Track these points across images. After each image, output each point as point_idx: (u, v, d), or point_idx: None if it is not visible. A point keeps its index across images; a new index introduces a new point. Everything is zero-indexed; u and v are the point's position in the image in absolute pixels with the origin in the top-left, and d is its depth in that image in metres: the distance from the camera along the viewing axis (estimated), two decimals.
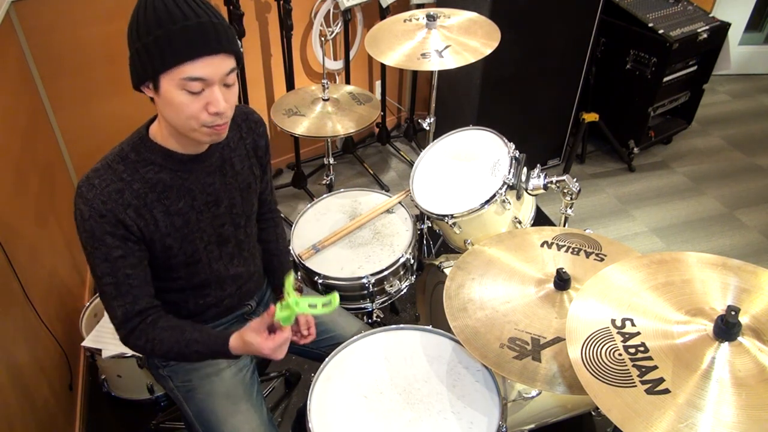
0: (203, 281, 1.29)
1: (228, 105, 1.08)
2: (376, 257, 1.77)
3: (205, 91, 1.05)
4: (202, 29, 1.01)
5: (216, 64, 1.03)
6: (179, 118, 1.08)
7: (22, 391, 1.60)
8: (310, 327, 1.46)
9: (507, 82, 2.74)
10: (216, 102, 1.06)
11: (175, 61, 1.01)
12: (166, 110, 1.09)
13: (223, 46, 1.03)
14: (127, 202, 1.12)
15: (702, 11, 3.07)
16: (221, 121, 1.09)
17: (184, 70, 1.01)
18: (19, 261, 1.71)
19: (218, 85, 1.06)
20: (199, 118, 1.07)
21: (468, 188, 1.74)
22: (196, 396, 1.32)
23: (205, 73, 1.03)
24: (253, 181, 1.33)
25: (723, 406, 0.87)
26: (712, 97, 3.92)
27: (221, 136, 1.14)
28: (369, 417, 1.23)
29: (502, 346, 1.20)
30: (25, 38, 2.19)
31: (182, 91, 1.04)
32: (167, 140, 1.16)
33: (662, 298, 1.05)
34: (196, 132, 1.10)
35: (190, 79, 1.02)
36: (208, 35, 1.01)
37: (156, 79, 1.04)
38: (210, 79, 1.04)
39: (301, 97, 2.34)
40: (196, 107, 1.05)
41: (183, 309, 1.31)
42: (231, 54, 1.06)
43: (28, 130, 2.10)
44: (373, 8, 2.89)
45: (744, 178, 3.21)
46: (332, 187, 2.44)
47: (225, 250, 1.30)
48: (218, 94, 1.06)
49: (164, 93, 1.05)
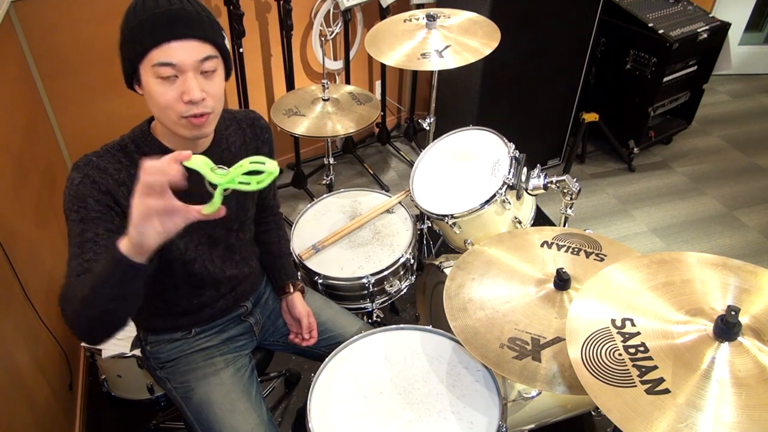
0: (197, 281, 1.29)
1: (206, 94, 1.06)
2: (376, 257, 1.77)
3: (178, 79, 1.04)
4: (170, 15, 1.01)
5: (187, 48, 1.02)
6: (159, 110, 1.07)
7: (22, 391, 1.60)
8: (312, 330, 1.48)
9: (507, 82, 2.74)
10: (189, 90, 1.03)
11: (143, 47, 1.01)
12: (150, 104, 1.08)
13: (194, 32, 1.03)
14: (122, 181, 1.11)
15: (702, 11, 3.07)
16: (198, 110, 1.06)
17: (153, 55, 1.01)
18: (19, 261, 1.71)
19: (192, 72, 1.04)
20: (175, 108, 1.05)
21: (468, 188, 1.73)
22: (194, 397, 1.32)
23: (174, 57, 1.02)
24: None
25: (723, 406, 0.87)
26: (712, 97, 3.92)
27: (203, 130, 1.10)
28: (369, 417, 1.23)
29: (502, 346, 1.20)
30: (25, 38, 2.19)
31: (156, 80, 1.03)
32: (165, 138, 1.16)
33: (662, 298, 1.05)
34: (177, 125, 1.08)
35: (160, 64, 1.02)
36: (177, 20, 1.02)
37: (136, 71, 1.05)
38: (180, 64, 1.02)
39: (301, 97, 2.34)
40: (170, 96, 1.04)
41: (177, 307, 1.31)
42: (206, 41, 1.04)
43: (28, 129, 2.10)
44: (373, 8, 2.89)
45: (744, 178, 3.21)
46: (332, 187, 2.44)
47: (215, 252, 1.30)
48: (192, 83, 1.04)
49: (144, 85, 1.05)
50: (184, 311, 1.32)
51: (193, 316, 1.34)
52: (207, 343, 1.38)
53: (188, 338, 1.36)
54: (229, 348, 1.40)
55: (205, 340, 1.38)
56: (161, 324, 1.35)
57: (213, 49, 1.06)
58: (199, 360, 1.35)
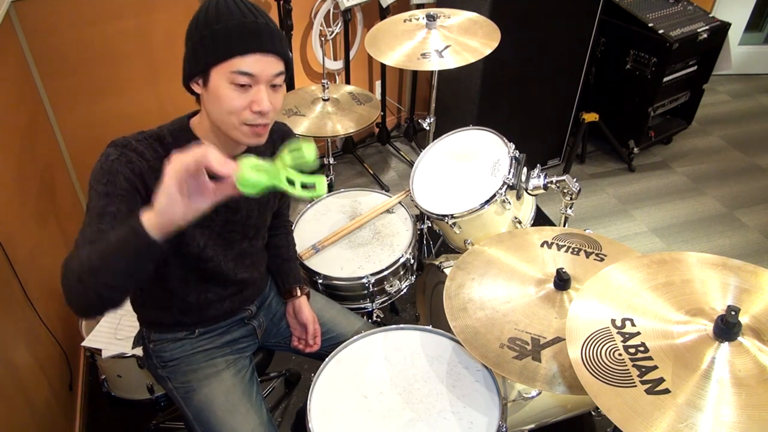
0: (209, 277, 1.30)
1: (272, 107, 1.10)
2: (376, 257, 1.77)
3: (252, 89, 1.07)
4: (257, 27, 1.06)
5: (266, 62, 1.07)
6: (222, 113, 1.09)
7: (22, 391, 1.60)
8: (316, 337, 1.49)
9: (507, 82, 2.74)
10: (260, 101, 1.07)
11: (227, 53, 1.04)
12: (211, 105, 1.10)
13: (275, 48, 1.08)
14: (155, 168, 1.10)
15: (702, 11, 3.07)
16: (263, 121, 1.10)
17: (234, 63, 1.05)
18: (19, 261, 1.71)
19: (265, 84, 1.08)
20: (240, 115, 1.08)
21: (468, 188, 1.74)
22: (195, 397, 1.32)
23: (255, 69, 1.06)
24: (272, 198, 1.36)
25: (723, 406, 0.87)
26: (712, 97, 3.92)
27: (261, 139, 1.14)
28: (369, 417, 1.23)
29: (502, 346, 1.20)
30: (25, 38, 2.19)
31: (230, 85, 1.06)
32: (206, 136, 1.17)
33: (662, 298, 1.05)
34: (236, 131, 1.11)
35: (240, 72, 1.05)
36: (262, 34, 1.06)
37: (207, 71, 1.07)
38: (258, 75, 1.06)
39: (301, 97, 2.34)
40: (240, 103, 1.07)
41: (183, 302, 1.31)
42: (281, 58, 1.09)
43: (28, 130, 2.10)
44: (373, 8, 2.89)
45: (744, 178, 3.21)
46: (332, 187, 2.44)
47: (229, 255, 1.30)
48: (264, 94, 1.08)
49: (212, 86, 1.07)
50: (189, 307, 1.33)
51: (197, 313, 1.34)
52: (210, 344, 1.38)
53: (191, 338, 1.36)
54: (231, 350, 1.40)
55: (208, 341, 1.38)
56: (165, 319, 1.35)
57: (284, 66, 1.11)
58: (201, 360, 1.36)
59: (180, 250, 1.21)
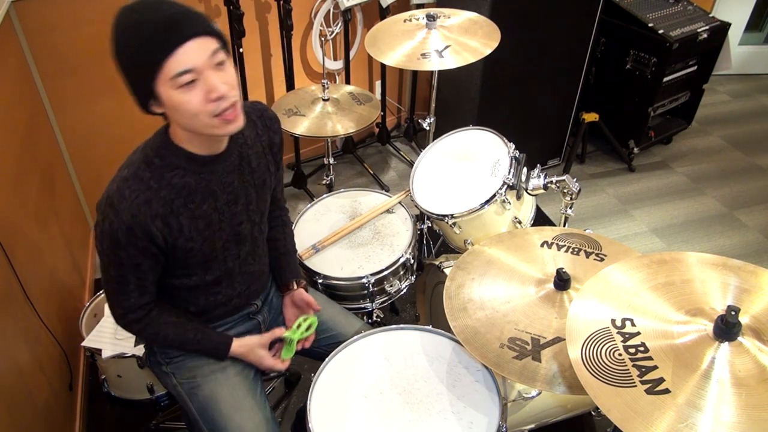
0: (216, 278, 1.30)
1: (228, 86, 1.06)
2: (376, 257, 1.77)
3: (199, 80, 1.03)
4: (170, 21, 0.99)
5: (196, 49, 1.01)
6: (189, 119, 1.07)
7: (22, 391, 1.60)
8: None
9: (507, 81, 2.74)
10: (213, 87, 1.03)
11: (156, 62, 1.00)
12: (176, 116, 1.08)
13: (194, 30, 1.01)
14: (155, 212, 1.11)
15: (702, 11, 3.07)
16: (227, 103, 1.06)
17: (168, 68, 1.00)
18: (19, 261, 1.71)
19: (209, 69, 1.03)
20: (206, 111, 1.05)
21: (468, 188, 1.74)
22: (200, 393, 1.32)
23: (189, 61, 1.01)
24: (268, 177, 1.33)
25: (723, 406, 0.87)
26: (712, 97, 3.92)
27: (237, 123, 1.10)
28: (369, 417, 1.23)
29: (502, 346, 1.20)
30: (25, 38, 2.19)
31: (179, 90, 1.02)
32: (188, 143, 1.15)
33: (662, 298, 1.05)
34: (210, 127, 1.08)
35: (178, 74, 1.00)
36: (177, 24, 1.00)
37: (153, 91, 1.03)
38: (196, 66, 1.01)
39: (301, 97, 2.34)
40: (197, 100, 1.04)
41: (192, 305, 1.32)
42: (207, 35, 1.03)
43: (28, 130, 2.10)
44: (373, 8, 2.89)
45: (744, 178, 3.21)
46: (332, 187, 2.44)
47: (243, 249, 1.31)
48: (213, 79, 1.03)
49: (166, 100, 1.04)
50: (198, 310, 1.33)
51: (206, 314, 1.35)
52: None
53: None
54: None
55: None
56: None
57: (215, 40, 1.05)
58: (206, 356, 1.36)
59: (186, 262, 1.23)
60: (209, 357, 1.34)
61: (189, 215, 1.17)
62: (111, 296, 1.22)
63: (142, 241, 1.12)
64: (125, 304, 1.20)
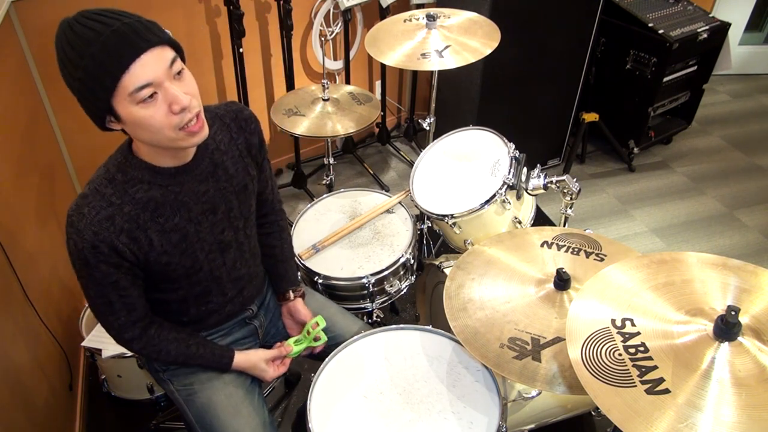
0: (205, 289, 1.28)
1: (189, 95, 1.02)
2: (376, 257, 1.77)
3: (159, 93, 0.99)
4: (120, 35, 0.94)
5: (152, 61, 0.96)
6: (154, 134, 1.02)
7: (22, 391, 1.60)
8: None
9: (507, 82, 2.74)
10: (175, 99, 0.99)
11: (112, 80, 0.95)
12: (138, 132, 1.04)
13: (149, 40, 0.96)
14: (119, 228, 1.08)
15: (702, 11, 3.07)
16: (191, 114, 1.03)
17: (125, 84, 0.95)
18: (19, 261, 1.71)
19: (168, 81, 0.99)
20: (169, 124, 1.01)
21: (468, 188, 1.74)
22: (197, 399, 1.32)
23: (146, 75, 0.96)
24: (249, 182, 1.28)
25: (723, 406, 0.87)
26: (712, 97, 3.92)
27: (203, 134, 1.07)
28: (369, 417, 1.23)
29: (502, 346, 1.20)
30: (25, 38, 2.18)
31: (138, 106, 0.98)
32: (151, 156, 1.11)
33: (662, 298, 1.05)
34: (176, 140, 1.05)
35: (137, 89, 0.96)
36: (128, 37, 0.95)
37: (111, 108, 0.99)
38: (154, 79, 0.97)
39: (301, 97, 2.34)
40: (160, 114, 1.00)
41: (184, 316, 1.30)
42: (162, 45, 0.98)
43: (28, 130, 2.10)
44: (373, 8, 2.89)
45: (744, 178, 3.21)
46: (332, 187, 2.44)
47: (228, 256, 1.28)
48: (174, 90, 0.99)
49: (125, 117, 1.00)
50: (190, 320, 1.32)
51: (199, 323, 1.34)
52: None
53: None
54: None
55: None
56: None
57: (170, 49, 1.00)
58: None
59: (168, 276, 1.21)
60: (212, 371, 1.34)
61: (158, 229, 1.13)
62: (100, 318, 1.20)
63: (111, 257, 1.08)
64: (116, 324, 1.19)
